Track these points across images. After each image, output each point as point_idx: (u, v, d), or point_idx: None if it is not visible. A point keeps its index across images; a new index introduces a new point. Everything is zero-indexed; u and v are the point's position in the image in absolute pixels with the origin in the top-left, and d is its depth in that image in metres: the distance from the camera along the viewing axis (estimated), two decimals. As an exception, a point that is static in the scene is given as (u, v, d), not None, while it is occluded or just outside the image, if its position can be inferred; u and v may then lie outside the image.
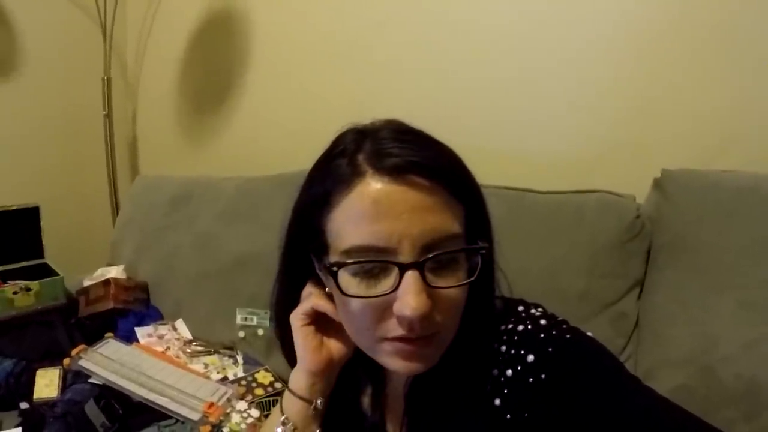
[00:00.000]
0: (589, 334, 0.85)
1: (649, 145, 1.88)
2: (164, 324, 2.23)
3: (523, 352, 0.84)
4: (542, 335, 0.84)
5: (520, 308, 0.91)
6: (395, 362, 0.84)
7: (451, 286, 0.79)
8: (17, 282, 2.26)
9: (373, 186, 0.78)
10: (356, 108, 2.30)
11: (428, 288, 0.77)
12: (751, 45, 1.72)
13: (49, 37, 3.01)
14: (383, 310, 0.79)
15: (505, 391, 0.85)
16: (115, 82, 3.01)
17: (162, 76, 3.17)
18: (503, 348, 0.86)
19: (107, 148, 2.99)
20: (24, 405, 1.93)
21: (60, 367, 1.98)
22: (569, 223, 1.73)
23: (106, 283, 2.28)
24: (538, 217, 1.77)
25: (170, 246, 2.37)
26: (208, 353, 2.07)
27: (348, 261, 0.79)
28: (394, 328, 0.80)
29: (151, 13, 3.19)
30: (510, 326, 0.88)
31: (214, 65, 2.95)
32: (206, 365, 2.00)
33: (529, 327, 0.86)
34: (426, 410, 0.90)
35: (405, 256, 0.76)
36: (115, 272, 2.38)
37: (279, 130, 2.71)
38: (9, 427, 1.84)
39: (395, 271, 0.77)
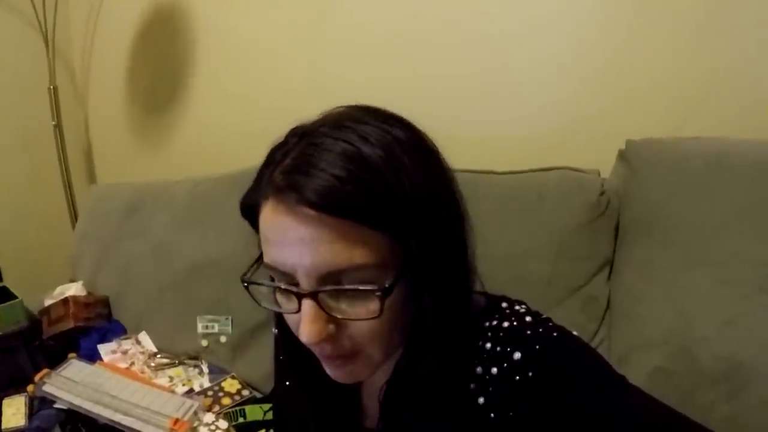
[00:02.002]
0: (574, 333, 0.84)
1: (612, 116, 1.85)
2: (127, 338, 2.20)
3: (509, 349, 0.82)
4: (529, 332, 0.83)
5: (504, 305, 0.90)
6: (326, 370, 0.85)
7: (349, 318, 0.77)
8: (-25, 310, 2.22)
9: (271, 212, 0.77)
10: (306, 100, 2.25)
11: (328, 316, 0.76)
12: (713, 6, 1.68)
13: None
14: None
15: (490, 389, 0.83)
16: (63, 91, 2.95)
17: (110, 81, 3.12)
18: (488, 345, 0.85)
19: (60, 159, 2.95)
20: None
21: (25, 394, 1.96)
22: (531, 205, 1.67)
23: (65, 302, 2.25)
24: (498, 199, 1.71)
25: (127, 257, 2.34)
26: (173, 365, 2.04)
27: (257, 281, 0.82)
28: None
29: (93, 17, 3.13)
30: (495, 323, 0.86)
31: (161, 66, 2.91)
32: (171, 378, 1.98)
33: (515, 324, 0.85)
34: (403, 410, 0.88)
35: (302, 285, 0.75)
36: (74, 289, 2.34)
37: (231, 127, 2.69)
38: (-20, 461, 1.84)
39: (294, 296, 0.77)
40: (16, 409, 1.95)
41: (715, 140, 1.53)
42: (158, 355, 2.11)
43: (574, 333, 0.84)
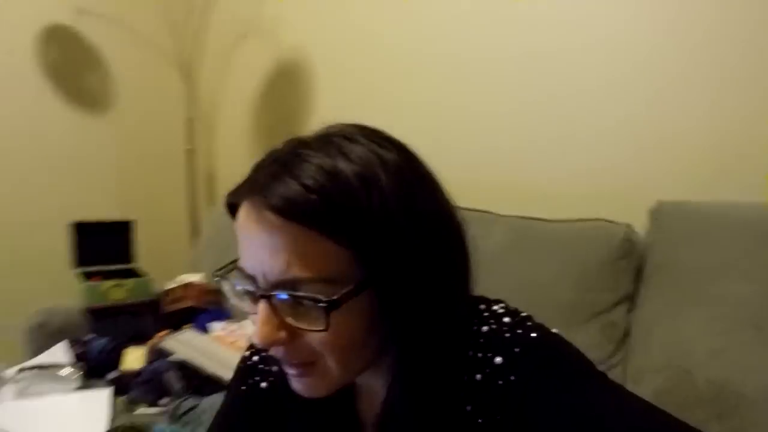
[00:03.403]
0: (554, 330, 0.85)
1: (649, 179, 2.06)
2: (235, 322, 2.53)
3: (490, 354, 0.82)
4: (507, 335, 0.83)
5: (482, 307, 0.89)
6: (291, 383, 0.86)
7: (299, 327, 0.77)
8: (113, 280, 2.66)
9: (243, 215, 0.79)
10: (415, 143, 2.60)
11: (281, 321, 0.77)
12: (743, 73, 1.87)
13: (138, 81, 3.51)
14: None
15: (476, 395, 0.83)
16: (194, 122, 3.43)
17: (235, 118, 3.53)
18: (470, 352, 0.84)
19: (188, 178, 3.38)
20: (111, 375, 2.32)
21: (145, 346, 2.31)
22: (568, 245, 1.96)
23: (186, 285, 2.64)
24: (544, 241, 1.99)
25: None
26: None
27: (225, 277, 0.83)
28: None
29: (225, 63, 3.58)
30: (474, 329, 0.85)
31: (283, 109, 3.33)
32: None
33: (494, 327, 0.84)
34: (398, 425, 0.87)
35: (260, 286, 0.78)
36: (195, 278, 2.74)
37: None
38: (100, 392, 2.20)
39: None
40: (136, 356, 2.31)
41: (718, 202, 1.80)
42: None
43: (554, 330, 0.85)
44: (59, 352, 2.44)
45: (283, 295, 0.75)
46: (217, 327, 2.49)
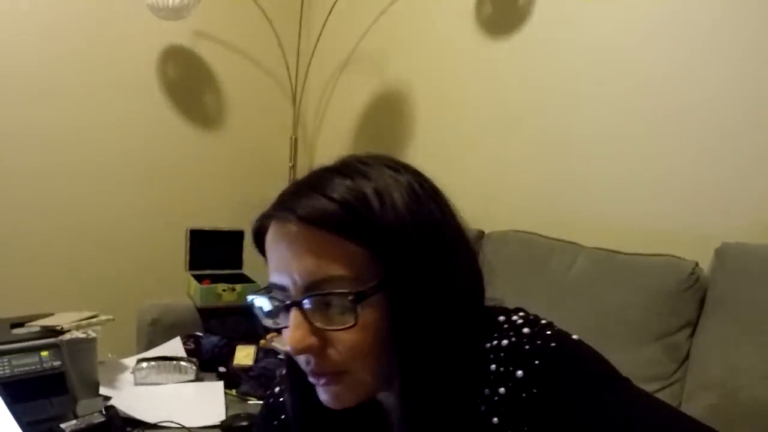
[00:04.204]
0: (575, 337, 0.85)
1: (717, 222, 2.23)
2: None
3: (511, 368, 0.83)
4: (527, 347, 0.83)
5: (501, 318, 0.89)
6: (319, 395, 0.87)
7: (329, 328, 0.80)
8: (222, 284, 2.93)
9: (269, 235, 0.85)
10: (497, 172, 2.87)
11: (312, 326, 0.80)
12: None
13: (249, 102, 3.79)
14: None
15: (502, 408, 0.84)
16: (297, 142, 3.66)
17: (334, 140, 3.81)
18: (492, 367, 0.85)
19: (290, 192, 3.61)
20: (222, 369, 2.53)
21: (255, 345, 2.53)
22: (642, 275, 2.15)
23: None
24: (621, 270, 2.19)
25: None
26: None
27: (258, 293, 0.88)
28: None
29: (329, 88, 3.83)
30: (495, 343, 0.86)
31: (382, 136, 3.49)
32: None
33: (513, 340, 0.85)
34: None
35: (293, 295, 0.81)
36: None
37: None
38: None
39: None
40: (246, 353, 2.53)
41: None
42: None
43: (574, 337, 0.85)
44: (174, 346, 2.66)
45: (313, 299, 0.80)
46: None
